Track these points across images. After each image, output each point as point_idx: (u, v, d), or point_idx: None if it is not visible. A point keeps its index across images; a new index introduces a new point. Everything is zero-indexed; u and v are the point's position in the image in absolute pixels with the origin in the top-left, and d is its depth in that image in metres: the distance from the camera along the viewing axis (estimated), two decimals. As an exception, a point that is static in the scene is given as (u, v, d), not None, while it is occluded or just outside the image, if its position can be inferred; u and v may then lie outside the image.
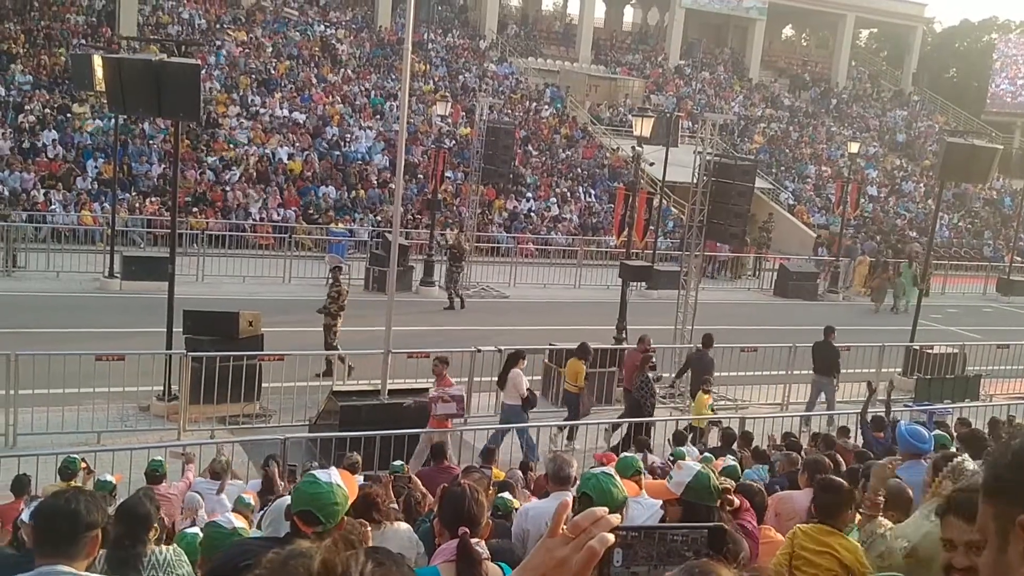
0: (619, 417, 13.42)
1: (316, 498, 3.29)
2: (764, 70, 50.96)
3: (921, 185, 43.34)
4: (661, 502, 5.66)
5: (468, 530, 3.49)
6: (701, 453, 9.69)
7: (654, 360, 13.85)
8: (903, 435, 6.45)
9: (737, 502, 4.54)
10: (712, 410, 13.24)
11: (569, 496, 5.48)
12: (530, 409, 12.66)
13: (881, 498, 4.42)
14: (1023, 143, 48.04)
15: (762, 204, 33.20)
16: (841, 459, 8.76)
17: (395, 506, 6.42)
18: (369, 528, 4.49)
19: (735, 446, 10.74)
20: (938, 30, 64.99)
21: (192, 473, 8.73)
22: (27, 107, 27.59)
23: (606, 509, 1.61)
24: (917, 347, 18.06)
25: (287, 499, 4.15)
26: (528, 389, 12.60)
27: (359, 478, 7.09)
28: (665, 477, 6.74)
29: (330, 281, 15.95)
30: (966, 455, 4.24)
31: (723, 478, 7.73)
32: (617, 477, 4.21)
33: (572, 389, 13.54)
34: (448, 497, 3.78)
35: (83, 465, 7.99)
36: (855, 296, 29.18)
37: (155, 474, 8.12)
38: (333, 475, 3.38)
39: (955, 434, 8.91)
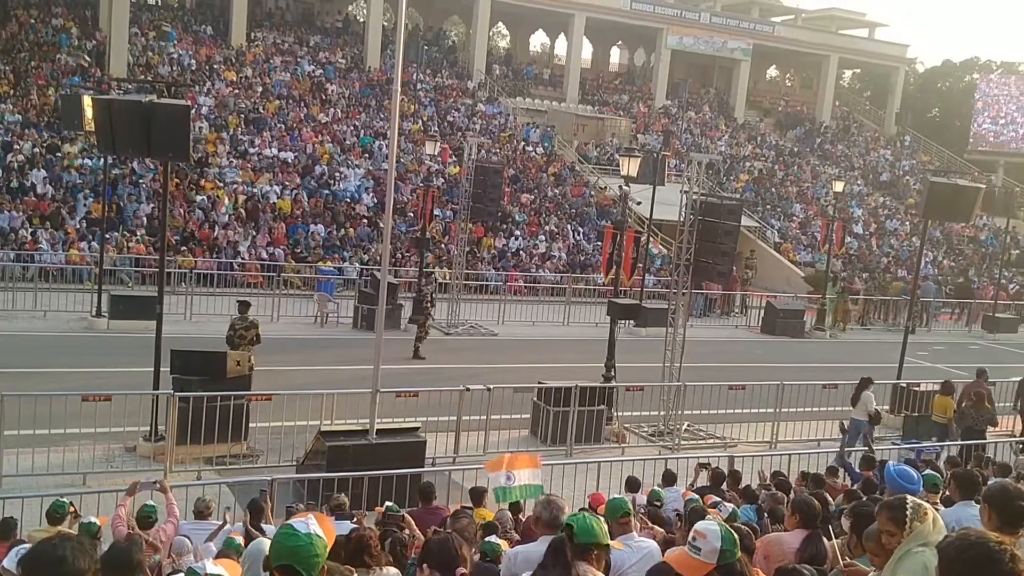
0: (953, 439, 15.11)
1: (296, 551, 3.22)
2: (749, 110, 51.56)
3: (906, 223, 43.74)
4: (653, 544, 5.66)
5: (466, 572, 3.49)
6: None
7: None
8: (891, 475, 6.44)
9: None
10: None
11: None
12: (875, 425, 15.28)
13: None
14: (1006, 182, 48.56)
15: (745, 240, 33.43)
16: (830, 498, 8.76)
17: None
18: (356, 575, 4.45)
19: (723, 486, 10.71)
20: (920, 70, 65.92)
21: (175, 507, 8.56)
22: (16, 146, 27.64)
23: None
24: (904, 385, 18.11)
25: (264, 542, 4.14)
26: (876, 408, 15.16)
27: (346, 523, 7.05)
28: (652, 525, 6.71)
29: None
30: (914, 497, 4.24)
31: (711, 509, 7.75)
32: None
33: (940, 420, 15.72)
34: (436, 542, 3.78)
35: (71, 509, 7.90)
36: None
37: (147, 520, 8.01)
38: (311, 525, 3.32)
39: (947, 473, 8.91)
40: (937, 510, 4.41)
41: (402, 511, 8.29)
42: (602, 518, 4.20)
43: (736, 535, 3.88)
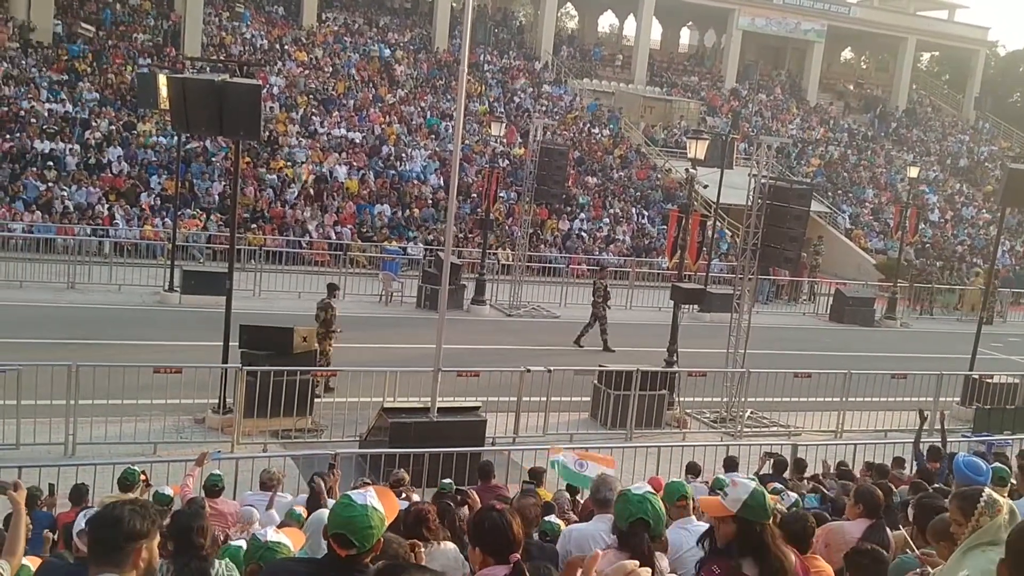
0: None
1: (350, 521, 3.25)
2: (822, 92, 50.43)
3: (983, 211, 42.46)
4: (708, 525, 5.60)
5: (520, 557, 3.47)
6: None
7: None
8: (960, 467, 6.30)
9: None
10: None
11: (603, 539, 5.42)
12: None
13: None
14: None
15: (815, 226, 32.78)
16: (894, 489, 8.59)
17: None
18: (423, 549, 4.50)
19: (787, 474, 10.58)
20: (1002, 54, 63.71)
21: (192, 480, 8.65)
22: (94, 123, 28.39)
23: (636, 563, 1.61)
24: (976, 376, 17.63)
25: (327, 511, 4.20)
26: None
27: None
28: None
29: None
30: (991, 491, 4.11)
31: (774, 496, 7.66)
32: (657, 499, 4.31)
33: None
34: (488, 524, 3.76)
35: (142, 477, 8.13)
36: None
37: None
38: (369, 497, 3.35)
39: (1016, 466, 8.66)
40: None
41: (463, 488, 8.34)
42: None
43: (768, 502, 4.03)
